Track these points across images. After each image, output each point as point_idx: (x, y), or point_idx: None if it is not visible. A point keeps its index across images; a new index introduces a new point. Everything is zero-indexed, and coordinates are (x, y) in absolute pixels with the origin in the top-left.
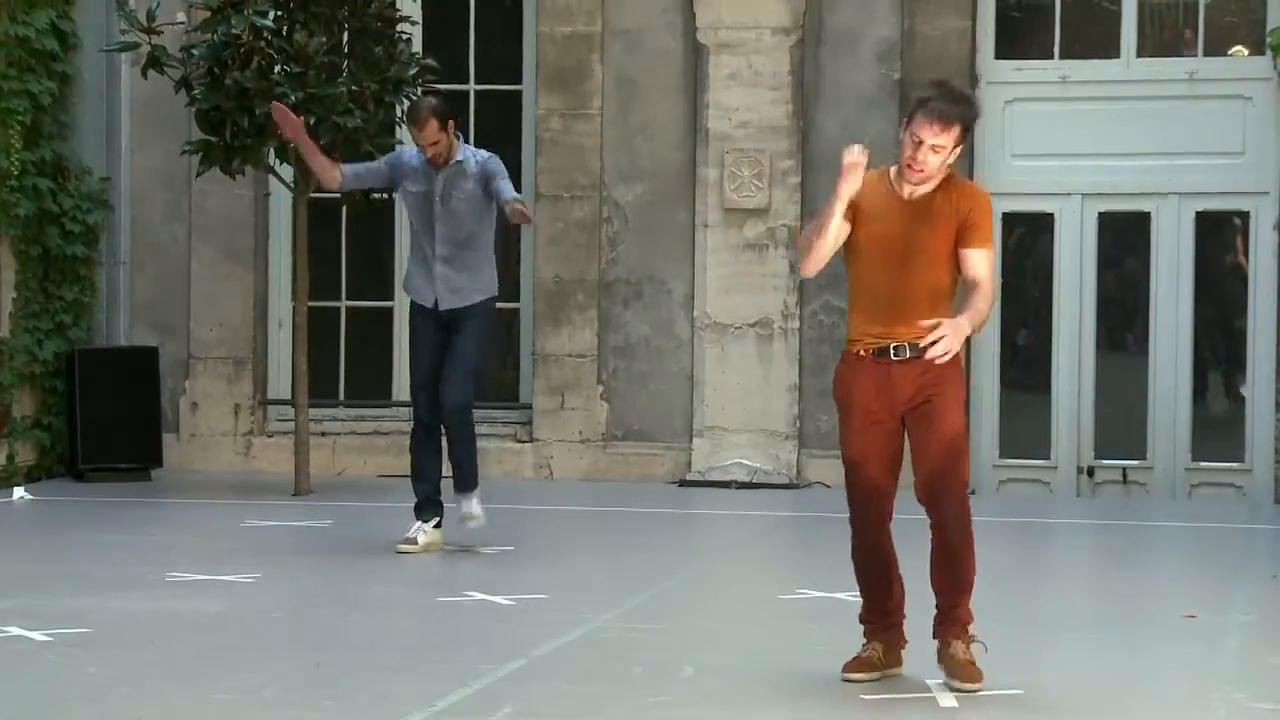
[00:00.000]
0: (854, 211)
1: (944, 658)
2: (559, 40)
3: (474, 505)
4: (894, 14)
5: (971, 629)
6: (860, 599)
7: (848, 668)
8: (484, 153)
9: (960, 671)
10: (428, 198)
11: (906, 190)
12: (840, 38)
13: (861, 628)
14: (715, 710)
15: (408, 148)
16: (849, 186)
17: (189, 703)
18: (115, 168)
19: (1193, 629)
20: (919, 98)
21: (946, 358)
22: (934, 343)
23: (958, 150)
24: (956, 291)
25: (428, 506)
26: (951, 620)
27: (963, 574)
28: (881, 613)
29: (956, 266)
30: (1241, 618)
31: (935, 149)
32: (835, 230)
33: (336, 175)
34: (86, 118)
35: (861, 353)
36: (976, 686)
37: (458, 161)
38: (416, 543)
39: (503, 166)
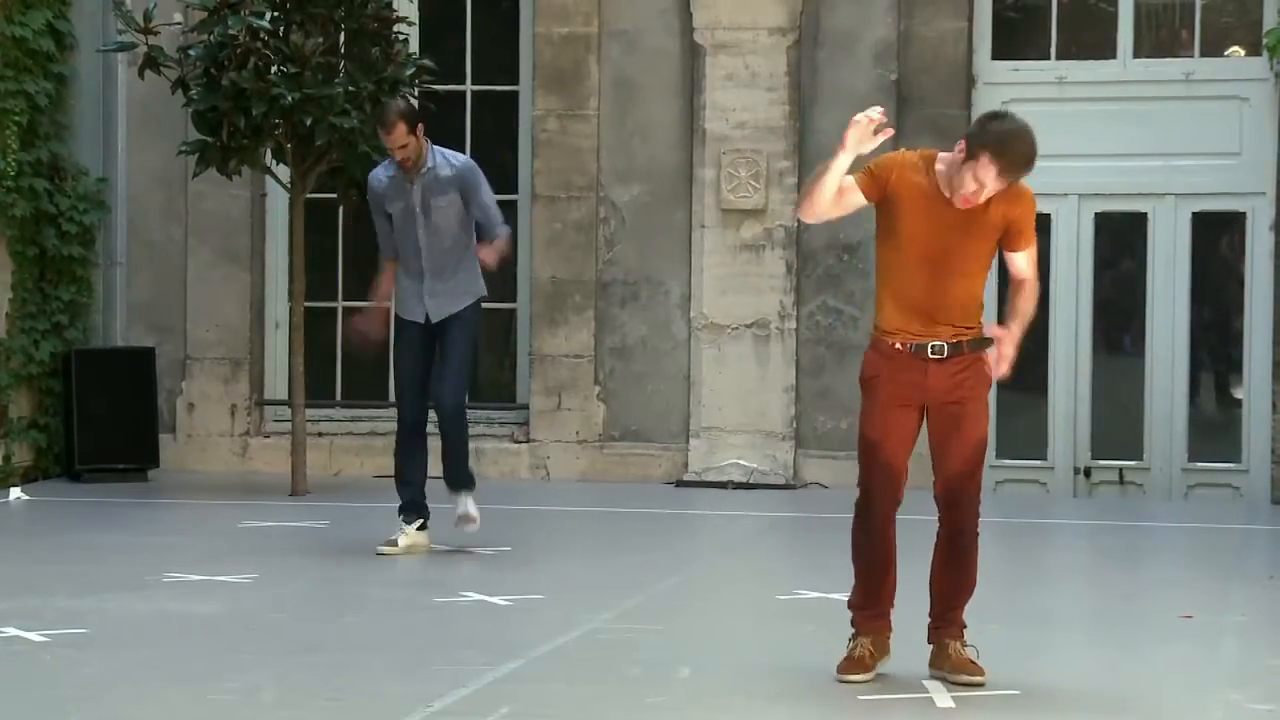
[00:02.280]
0: (892, 197)
1: (941, 658)
2: (556, 41)
3: (470, 506)
4: (890, 15)
5: (965, 635)
6: (855, 585)
7: (843, 669)
8: (459, 156)
9: (963, 667)
10: (409, 211)
11: (957, 199)
12: (837, 39)
13: (851, 614)
14: (712, 710)
15: (375, 171)
16: (854, 140)
17: (187, 703)
18: (112, 168)
19: (1189, 629)
20: (999, 136)
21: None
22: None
23: None
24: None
25: (412, 508)
26: (948, 623)
27: (967, 578)
28: (876, 599)
29: (989, 269)
30: (1238, 618)
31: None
32: (834, 184)
33: (390, 265)
34: (83, 118)
35: (899, 346)
36: (980, 679)
37: (430, 168)
38: (397, 544)
39: (482, 176)
